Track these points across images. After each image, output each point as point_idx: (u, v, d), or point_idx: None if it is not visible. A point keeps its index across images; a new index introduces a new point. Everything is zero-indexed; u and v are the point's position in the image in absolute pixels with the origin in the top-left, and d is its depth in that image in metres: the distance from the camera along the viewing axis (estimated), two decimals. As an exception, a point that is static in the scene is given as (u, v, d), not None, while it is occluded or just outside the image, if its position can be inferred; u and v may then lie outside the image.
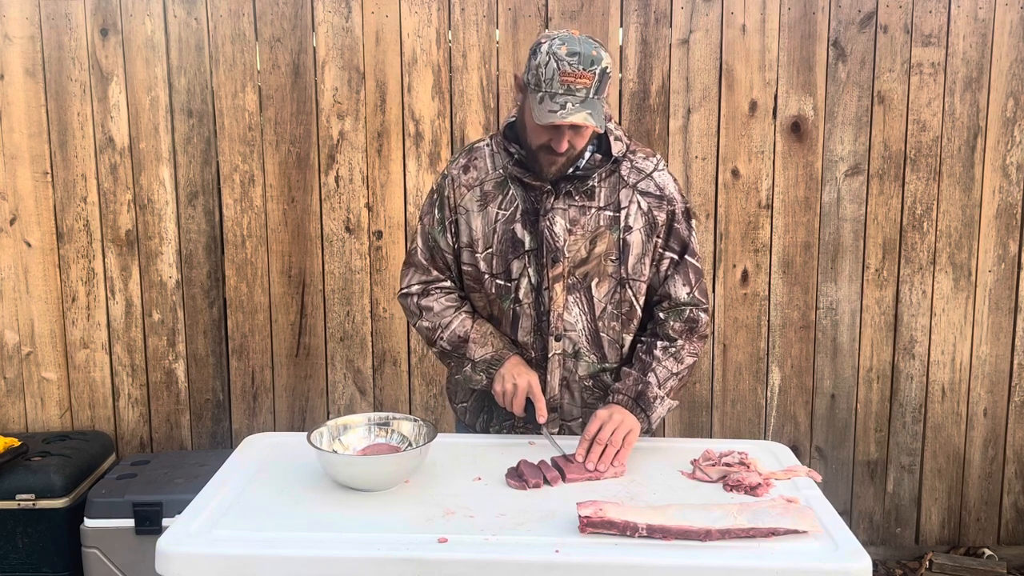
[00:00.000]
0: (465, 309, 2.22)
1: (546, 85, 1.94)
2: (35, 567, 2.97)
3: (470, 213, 2.16)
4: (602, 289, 2.14)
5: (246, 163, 3.32)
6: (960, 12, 3.26)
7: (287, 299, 3.39)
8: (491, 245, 2.15)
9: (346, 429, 2.01)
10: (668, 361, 2.13)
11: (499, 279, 2.16)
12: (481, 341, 2.17)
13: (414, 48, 3.27)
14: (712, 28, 3.26)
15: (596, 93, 1.95)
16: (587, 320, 2.15)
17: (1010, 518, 3.56)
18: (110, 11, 3.24)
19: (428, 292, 2.24)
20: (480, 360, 2.16)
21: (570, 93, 1.93)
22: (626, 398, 2.09)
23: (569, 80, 1.93)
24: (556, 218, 2.10)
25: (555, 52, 1.94)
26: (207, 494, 1.85)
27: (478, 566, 1.59)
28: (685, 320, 2.16)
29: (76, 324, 3.39)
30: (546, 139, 2.01)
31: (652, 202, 2.14)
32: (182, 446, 3.47)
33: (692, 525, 1.65)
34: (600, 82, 1.95)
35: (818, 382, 3.46)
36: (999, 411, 3.48)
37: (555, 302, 2.13)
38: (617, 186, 2.13)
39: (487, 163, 2.17)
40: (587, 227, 2.11)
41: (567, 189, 2.10)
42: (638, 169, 2.15)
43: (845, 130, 3.32)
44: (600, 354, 2.18)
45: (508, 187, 2.14)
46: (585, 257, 2.12)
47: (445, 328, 2.20)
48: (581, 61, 1.93)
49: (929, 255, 3.38)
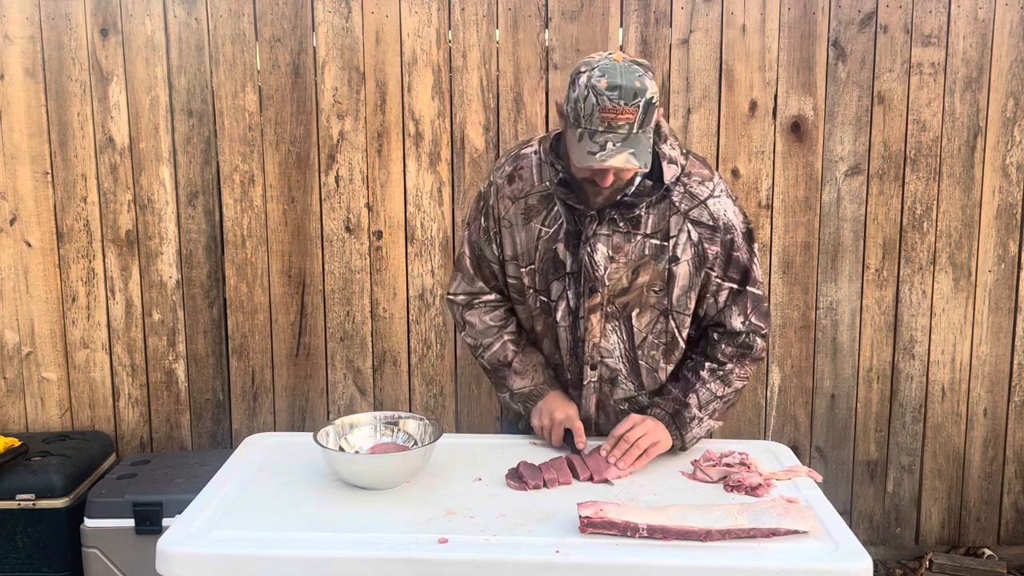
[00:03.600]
0: (508, 330, 2.18)
1: (585, 122, 1.80)
2: (35, 567, 2.97)
3: (514, 227, 2.08)
4: (643, 319, 2.07)
5: (246, 163, 3.32)
6: (960, 12, 3.26)
7: (287, 299, 3.39)
8: (533, 261, 2.08)
9: (352, 428, 2.02)
10: (713, 383, 2.08)
11: (542, 296, 2.11)
12: (522, 372, 2.14)
13: (414, 48, 3.27)
14: (712, 28, 3.26)
15: (641, 127, 1.81)
16: (625, 348, 2.09)
17: (1010, 518, 3.56)
18: (110, 11, 3.24)
19: (472, 305, 2.20)
20: (518, 392, 2.15)
21: (611, 131, 1.79)
22: (664, 413, 2.06)
23: (610, 117, 1.78)
24: (598, 245, 2.00)
25: (594, 85, 1.79)
26: (207, 494, 1.85)
27: (478, 566, 1.59)
28: (739, 345, 2.10)
29: (76, 324, 3.39)
30: (588, 174, 1.91)
31: (704, 233, 2.01)
32: (182, 446, 3.47)
33: (692, 526, 1.65)
34: (645, 115, 1.81)
35: (818, 382, 3.45)
36: (999, 411, 3.48)
37: (591, 332, 2.06)
38: (667, 213, 2.00)
39: (533, 174, 2.06)
40: (631, 255, 2.01)
41: (611, 215, 1.99)
42: (692, 195, 2.02)
43: (845, 130, 3.32)
44: (638, 382, 2.15)
45: (553, 203, 2.04)
46: (627, 287, 2.03)
47: (487, 348, 2.18)
48: (623, 95, 1.78)
49: (929, 255, 3.38)
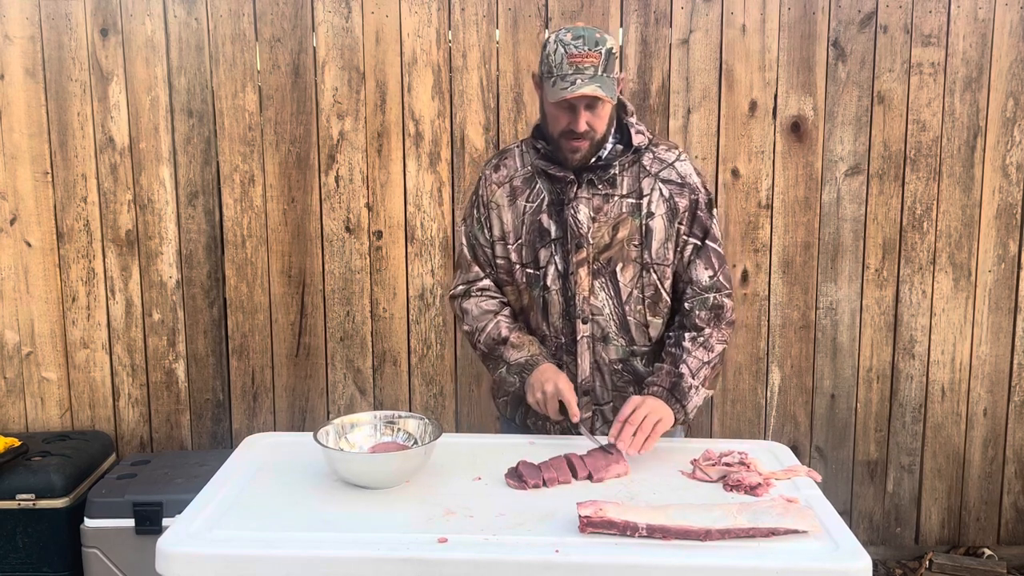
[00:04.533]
0: (504, 313, 2.29)
1: (556, 68, 2.06)
2: (35, 567, 2.97)
3: (501, 208, 2.26)
4: (627, 274, 2.21)
5: (246, 163, 3.32)
6: (960, 12, 3.26)
7: (287, 299, 3.39)
8: (520, 236, 2.25)
9: (352, 427, 2.02)
10: (698, 351, 2.18)
11: (528, 268, 2.25)
12: (518, 345, 2.23)
13: (414, 48, 3.27)
14: (712, 28, 3.26)
15: (605, 71, 2.05)
16: (614, 304, 2.22)
17: (1010, 518, 3.56)
18: (110, 11, 3.24)
19: (469, 294, 2.33)
20: (514, 363, 2.22)
21: (579, 72, 2.04)
22: (661, 389, 2.13)
23: (577, 60, 2.04)
24: (580, 206, 2.18)
25: (561, 39, 2.07)
26: (207, 494, 1.85)
27: (478, 566, 1.59)
28: (710, 308, 2.22)
29: (76, 324, 3.39)
30: (565, 123, 2.10)
31: (674, 189, 2.21)
32: (182, 446, 3.47)
33: (692, 525, 1.65)
34: (607, 61, 2.06)
35: (818, 382, 3.46)
36: (999, 411, 3.48)
37: (580, 286, 2.20)
38: (639, 175, 2.21)
39: (516, 161, 2.29)
40: (610, 214, 2.19)
41: (590, 178, 2.18)
42: (660, 159, 2.23)
43: (845, 130, 3.32)
44: (628, 337, 2.25)
45: (535, 181, 2.24)
46: (608, 243, 2.19)
47: (482, 331, 2.28)
48: (586, 43, 2.05)
49: (929, 255, 3.38)
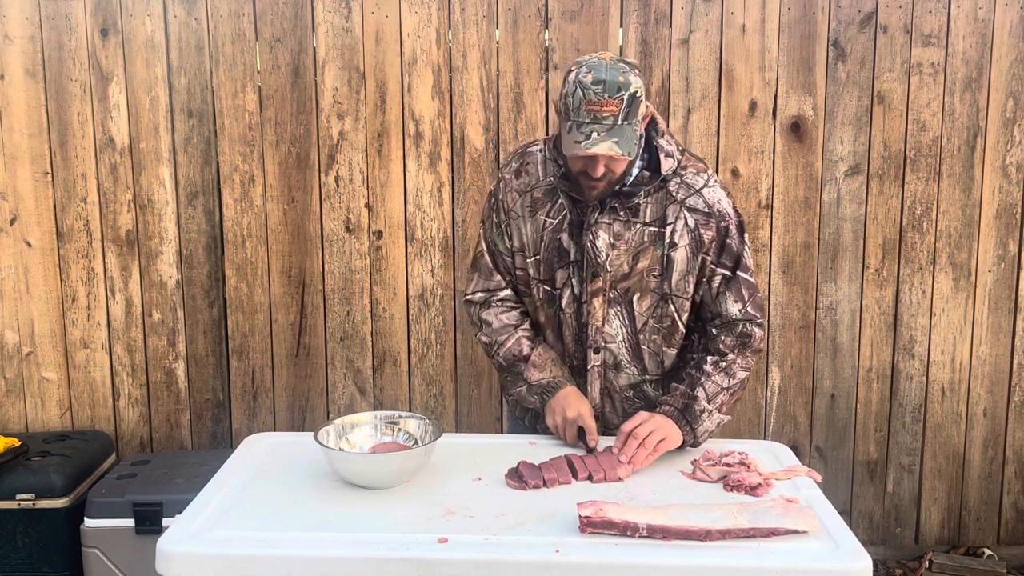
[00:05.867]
0: (524, 327, 2.24)
1: (573, 114, 1.93)
2: (35, 567, 2.97)
3: (521, 218, 2.19)
4: (644, 304, 2.15)
5: (246, 163, 3.32)
6: (960, 12, 3.26)
7: (287, 299, 3.39)
8: (539, 252, 2.18)
9: (353, 427, 2.02)
10: (718, 376, 2.12)
11: (545, 285, 2.20)
12: (540, 365, 2.19)
13: (414, 48, 3.27)
14: (712, 28, 3.26)
15: (626, 119, 1.93)
16: (628, 332, 2.17)
17: (1010, 518, 3.56)
18: (110, 11, 3.24)
19: (489, 304, 2.27)
20: (535, 384, 2.18)
21: (596, 122, 1.92)
22: (672, 409, 2.08)
23: (595, 109, 1.91)
24: (600, 232, 2.10)
25: (581, 80, 1.93)
26: (207, 494, 1.85)
27: (478, 566, 1.59)
28: (737, 335, 2.15)
29: (76, 324, 3.39)
30: (581, 166, 2.02)
31: (700, 219, 2.11)
32: (182, 446, 3.47)
33: (692, 525, 1.65)
34: (629, 108, 1.93)
35: (818, 382, 3.45)
36: (999, 411, 3.48)
37: (594, 316, 2.15)
38: (664, 202, 2.11)
39: (538, 169, 2.18)
40: (631, 242, 2.11)
41: (611, 204, 2.10)
42: (688, 185, 2.12)
43: (845, 130, 3.32)
44: (641, 366, 2.20)
45: (557, 196, 2.16)
46: (627, 272, 2.12)
47: (502, 345, 2.23)
48: (607, 89, 1.91)
49: (929, 255, 3.38)
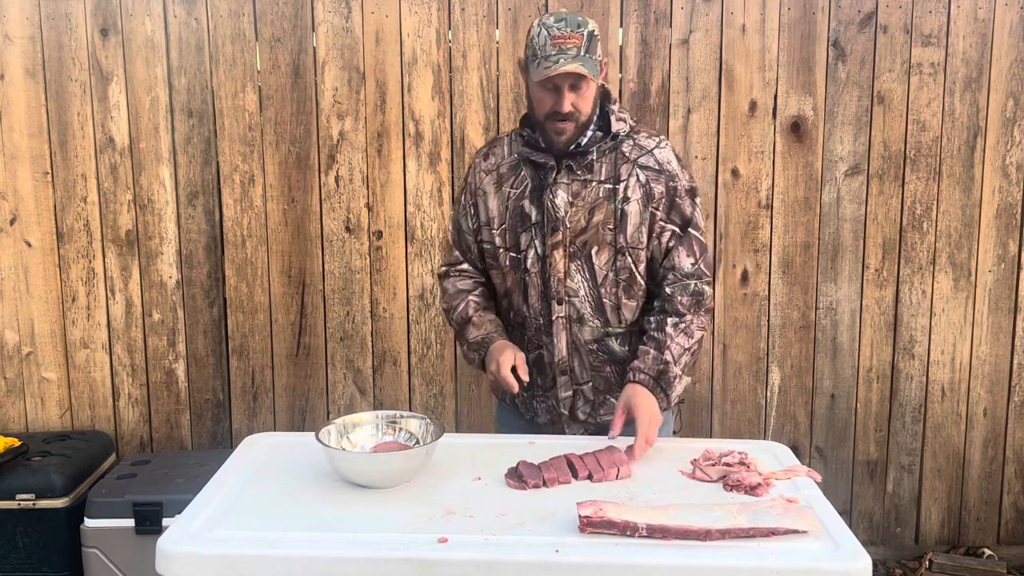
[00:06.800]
0: (475, 293, 2.38)
1: (540, 51, 2.11)
2: (35, 567, 2.97)
3: (488, 194, 2.32)
4: (602, 257, 2.24)
5: (246, 163, 3.32)
6: (960, 12, 3.26)
7: (287, 299, 3.39)
8: (504, 221, 2.30)
9: (354, 427, 2.02)
10: (680, 337, 2.21)
11: (511, 252, 2.31)
12: (478, 324, 2.33)
13: (414, 48, 3.27)
14: (712, 28, 3.26)
15: (587, 52, 2.11)
16: (589, 286, 2.26)
17: (1010, 518, 3.56)
18: (110, 11, 3.24)
19: (448, 274, 2.43)
20: (472, 341, 2.33)
21: (562, 52, 2.09)
22: (648, 378, 2.17)
23: (559, 42, 2.10)
24: (559, 192, 2.22)
25: (544, 23, 2.13)
26: (207, 494, 1.85)
27: (478, 566, 1.59)
28: (692, 294, 2.24)
29: (76, 324, 3.39)
30: (550, 104, 2.15)
31: (651, 175, 2.23)
32: (182, 446, 3.47)
33: (692, 525, 1.65)
34: (589, 43, 2.11)
35: (818, 382, 3.45)
36: (999, 411, 3.48)
37: (555, 268, 2.25)
38: (618, 161, 2.24)
39: (504, 149, 2.34)
40: (587, 199, 2.23)
41: (568, 164, 2.22)
42: (640, 146, 2.26)
43: (845, 130, 3.32)
44: (603, 319, 2.29)
45: (521, 168, 2.29)
46: (584, 226, 2.23)
47: (454, 309, 2.38)
48: (568, 25, 2.11)
49: (929, 255, 3.38)
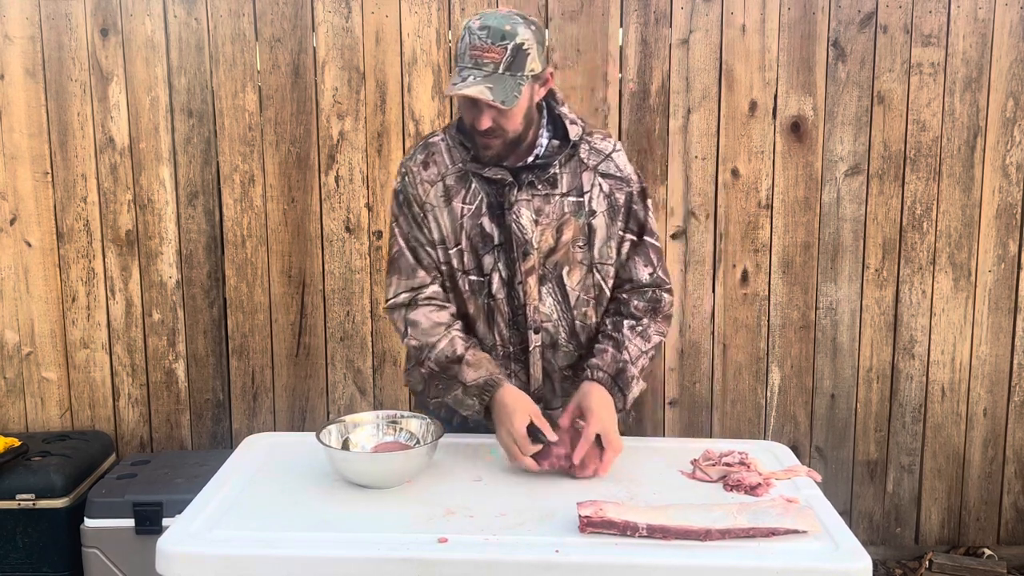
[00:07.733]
0: (456, 328, 2.10)
1: (458, 60, 1.94)
2: (35, 567, 2.97)
3: (436, 208, 2.10)
4: (574, 277, 2.12)
5: (246, 163, 3.32)
6: (960, 12, 3.26)
7: (287, 299, 3.39)
8: (460, 241, 2.10)
9: (355, 427, 2.02)
10: (637, 340, 2.10)
11: (472, 275, 2.11)
12: (475, 364, 2.04)
13: (414, 48, 3.27)
14: (712, 28, 3.26)
15: (508, 69, 1.91)
16: (562, 310, 2.14)
17: (1010, 518, 3.56)
18: (110, 11, 3.24)
19: (416, 304, 2.11)
20: (472, 384, 2.03)
21: (476, 67, 1.91)
22: (606, 376, 2.04)
23: (477, 55, 1.91)
24: (522, 210, 2.06)
25: (470, 26, 1.94)
26: (207, 494, 1.85)
27: (478, 566, 1.59)
28: (648, 300, 2.14)
29: (76, 324, 3.39)
30: (470, 119, 1.98)
31: (613, 184, 2.11)
32: (182, 446, 3.47)
33: (692, 525, 1.65)
34: (513, 58, 1.91)
35: (818, 382, 3.45)
36: (999, 411, 3.48)
37: (530, 295, 2.10)
38: (578, 170, 2.10)
39: (444, 158, 2.11)
40: (552, 215, 2.08)
41: (529, 179, 2.06)
42: (597, 150, 2.12)
43: (845, 130, 3.32)
44: (576, 342, 2.17)
45: (470, 180, 2.09)
46: (553, 246, 2.09)
47: (433, 347, 2.07)
48: (490, 35, 1.90)
49: (929, 255, 3.38)
